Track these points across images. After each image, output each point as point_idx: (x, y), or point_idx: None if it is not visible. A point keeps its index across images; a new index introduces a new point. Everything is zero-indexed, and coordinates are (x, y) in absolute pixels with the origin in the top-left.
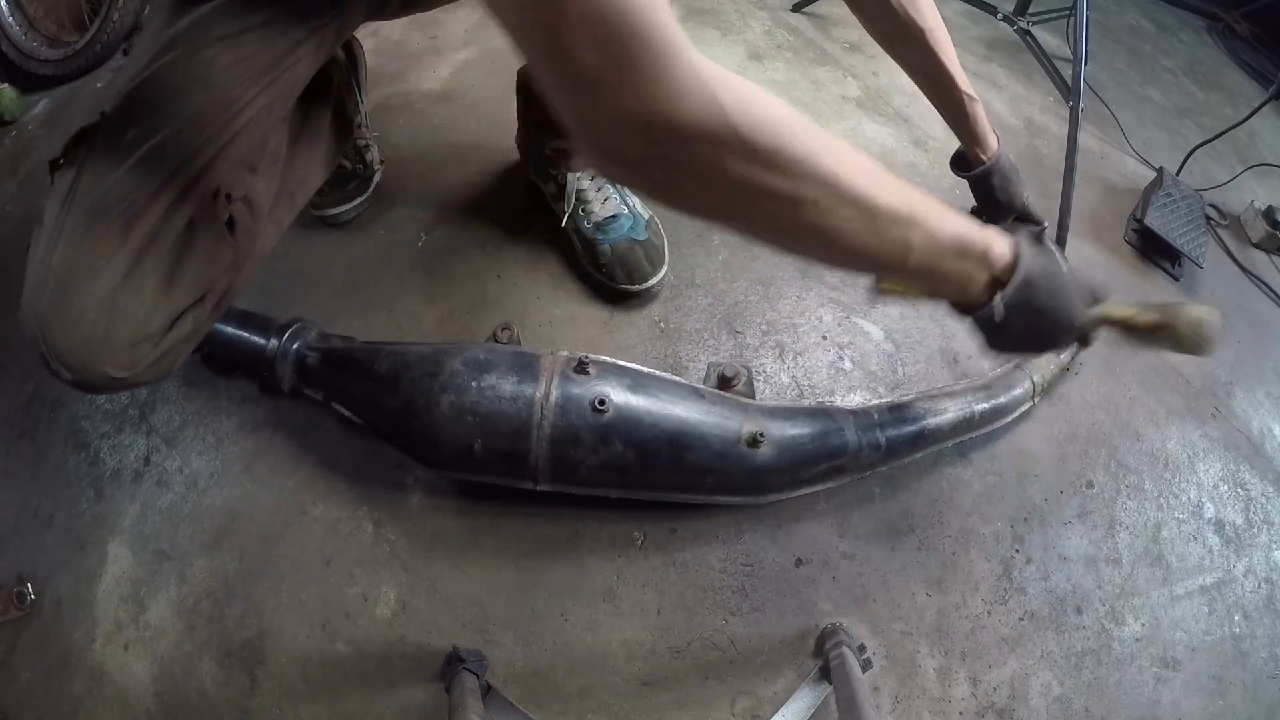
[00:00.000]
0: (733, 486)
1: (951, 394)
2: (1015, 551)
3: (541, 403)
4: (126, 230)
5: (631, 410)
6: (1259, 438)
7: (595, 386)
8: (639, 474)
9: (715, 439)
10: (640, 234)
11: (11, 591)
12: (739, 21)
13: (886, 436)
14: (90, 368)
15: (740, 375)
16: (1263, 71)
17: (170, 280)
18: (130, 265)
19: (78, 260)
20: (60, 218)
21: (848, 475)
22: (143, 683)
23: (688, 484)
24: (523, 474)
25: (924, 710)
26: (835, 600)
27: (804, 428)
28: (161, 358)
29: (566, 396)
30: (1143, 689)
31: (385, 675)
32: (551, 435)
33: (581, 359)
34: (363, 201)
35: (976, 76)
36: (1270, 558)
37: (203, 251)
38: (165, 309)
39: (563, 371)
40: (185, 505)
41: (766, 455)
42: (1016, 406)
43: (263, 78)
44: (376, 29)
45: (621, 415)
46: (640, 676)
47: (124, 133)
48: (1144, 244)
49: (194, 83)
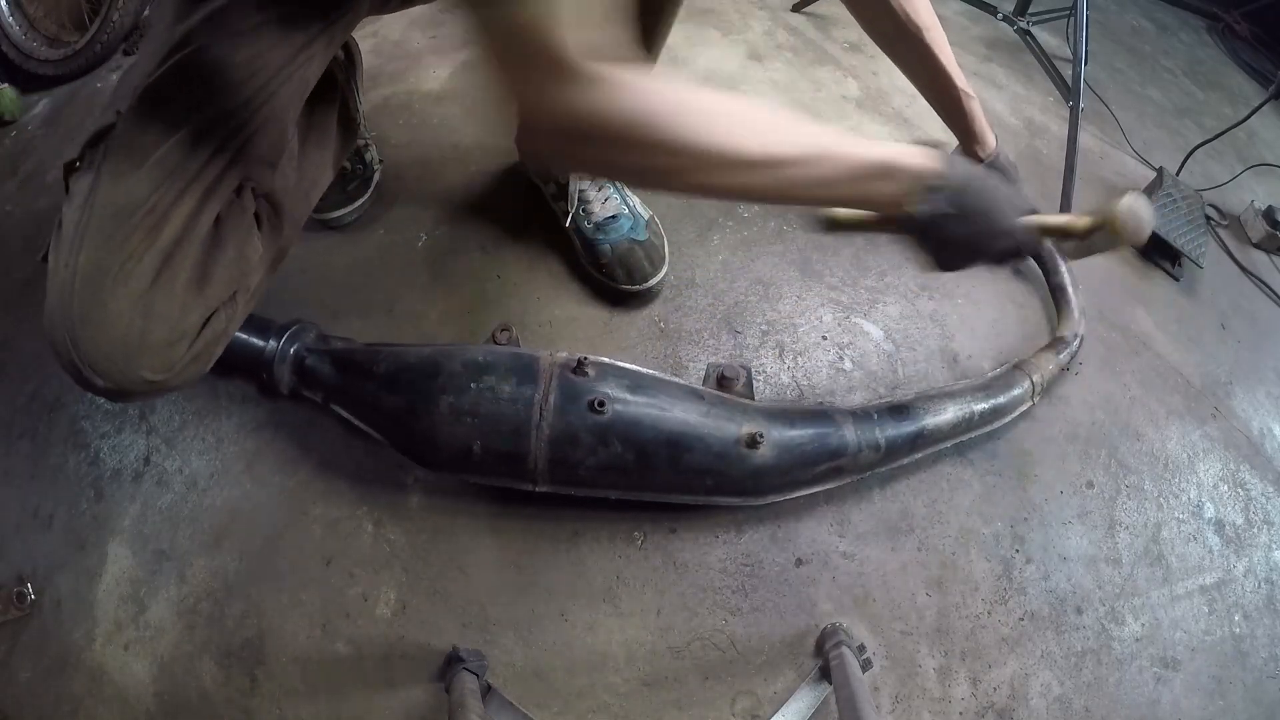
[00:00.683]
0: (731, 487)
1: (951, 394)
2: (1015, 551)
3: (540, 404)
4: (155, 230)
5: (630, 411)
6: (1259, 438)
7: (594, 387)
8: (638, 475)
9: (714, 440)
10: (640, 234)
11: (11, 591)
12: (739, 21)
13: (886, 437)
14: (126, 373)
15: (739, 376)
16: (1263, 71)
17: (202, 278)
18: (160, 265)
19: (106, 263)
20: (82, 222)
21: (847, 476)
22: (143, 683)
23: (686, 485)
24: (521, 475)
25: (924, 710)
26: (835, 600)
27: (803, 429)
28: (196, 358)
29: (565, 398)
30: (1143, 689)
31: (385, 675)
32: (550, 436)
33: (580, 360)
34: (363, 202)
35: (976, 76)
36: (1270, 558)
37: (232, 248)
38: (199, 307)
39: (561, 373)
40: (185, 505)
41: (765, 456)
42: (1016, 406)
43: (280, 73)
44: (377, 29)
45: (620, 416)
46: (640, 676)
47: (143, 132)
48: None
49: (213, 78)
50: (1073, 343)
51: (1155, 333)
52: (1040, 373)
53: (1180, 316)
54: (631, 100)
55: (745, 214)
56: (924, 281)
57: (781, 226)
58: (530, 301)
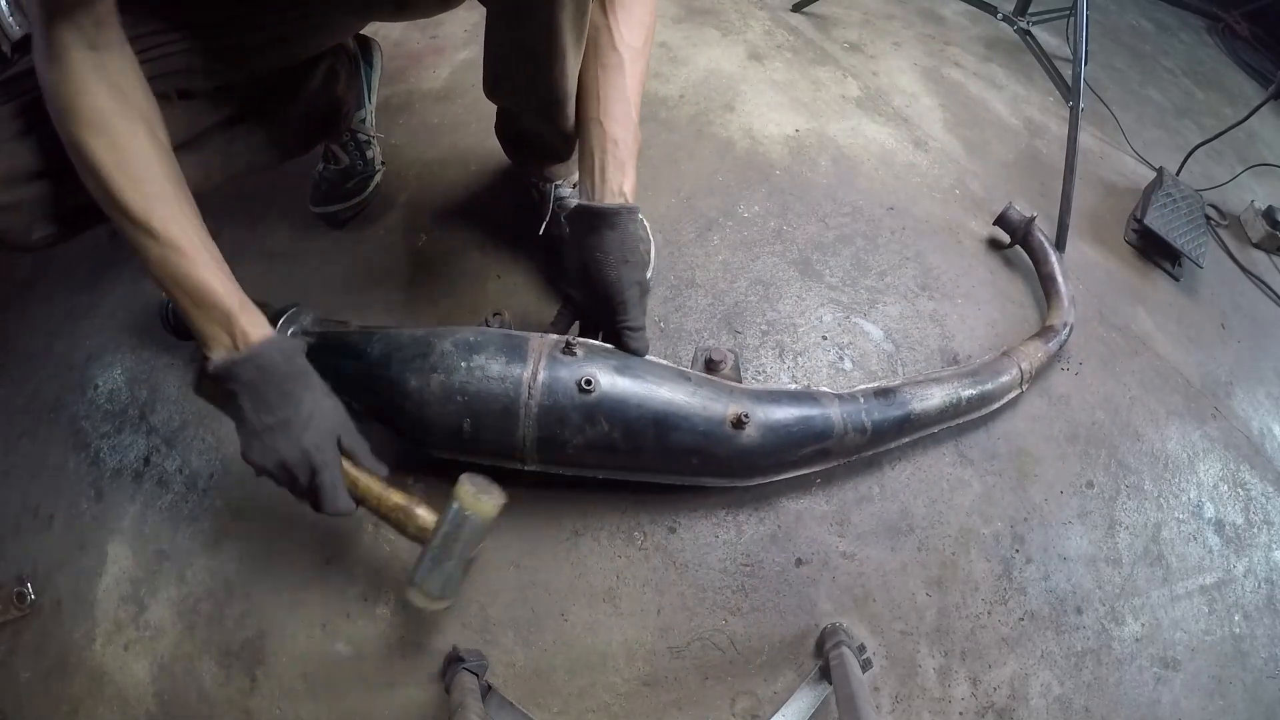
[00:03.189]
0: (719, 468)
1: (938, 380)
2: (1015, 551)
3: (529, 383)
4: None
5: (618, 390)
6: (1259, 438)
7: (582, 367)
8: (625, 455)
9: (700, 419)
10: None
11: (11, 591)
12: (739, 21)
13: (872, 420)
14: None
15: (726, 359)
16: (1263, 71)
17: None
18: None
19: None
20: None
21: (834, 459)
22: (143, 683)
23: (673, 465)
24: (510, 454)
25: (924, 710)
26: (835, 600)
27: (789, 409)
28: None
29: (554, 377)
30: (1143, 689)
31: (385, 675)
32: (539, 415)
33: (569, 341)
34: (362, 200)
35: (976, 76)
36: (1270, 558)
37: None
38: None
39: (550, 353)
40: (185, 505)
41: (751, 437)
42: (1004, 393)
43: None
44: (377, 29)
45: (608, 395)
46: (640, 676)
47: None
48: (1144, 244)
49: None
50: (1062, 331)
51: (1155, 333)
52: (1029, 360)
53: (1180, 316)
54: (65, 94)
55: (745, 214)
56: (924, 281)
57: (781, 226)
58: (530, 301)
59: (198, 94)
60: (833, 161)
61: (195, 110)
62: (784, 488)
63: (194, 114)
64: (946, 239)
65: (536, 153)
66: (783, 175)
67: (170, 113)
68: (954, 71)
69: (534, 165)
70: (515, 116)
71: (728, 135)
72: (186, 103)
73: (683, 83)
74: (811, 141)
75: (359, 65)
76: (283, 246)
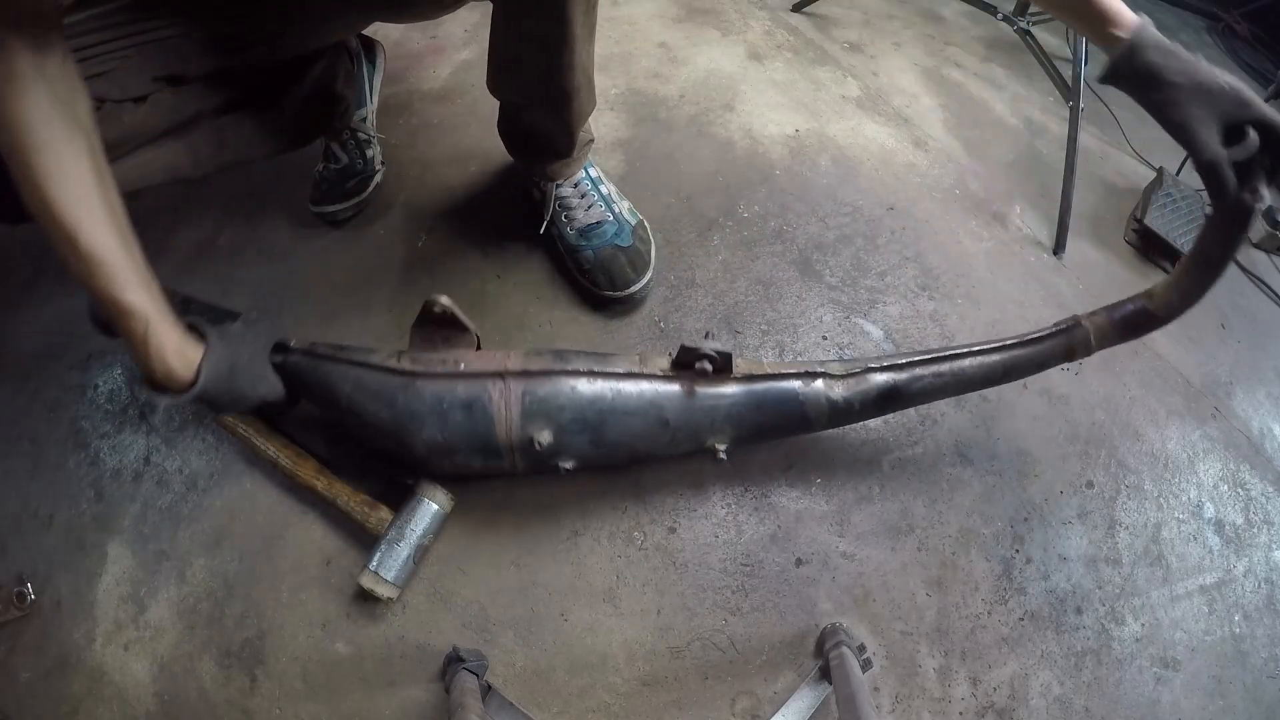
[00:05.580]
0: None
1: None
2: (1015, 551)
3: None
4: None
5: (584, 416)
6: (1259, 438)
7: (539, 430)
8: (610, 462)
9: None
10: (625, 240)
11: (11, 591)
12: (739, 21)
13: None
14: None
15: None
16: (1263, 71)
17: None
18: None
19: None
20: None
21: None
22: (143, 683)
23: (650, 456)
24: (502, 473)
25: (924, 710)
26: (835, 600)
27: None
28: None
29: (525, 416)
30: (1143, 689)
31: (385, 675)
32: (520, 445)
33: (526, 369)
34: (362, 200)
35: (976, 76)
36: (1270, 558)
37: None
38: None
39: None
40: (185, 505)
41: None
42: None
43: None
44: (377, 29)
45: (572, 438)
46: (640, 676)
47: None
48: (1144, 244)
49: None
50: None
51: (1155, 333)
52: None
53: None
54: (4, 96)
55: (745, 214)
56: (924, 281)
57: (781, 226)
58: (530, 301)
59: (191, 79)
60: (833, 161)
61: (186, 95)
62: (784, 487)
63: (184, 99)
64: (946, 239)
65: (540, 150)
66: (783, 175)
67: (160, 99)
68: (954, 71)
69: (536, 163)
70: (519, 112)
71: (728, 135)
72: (177, 88)
73: (683, 83)
74: (811, 141)
75: (360, 63)
76: (282, 246)
